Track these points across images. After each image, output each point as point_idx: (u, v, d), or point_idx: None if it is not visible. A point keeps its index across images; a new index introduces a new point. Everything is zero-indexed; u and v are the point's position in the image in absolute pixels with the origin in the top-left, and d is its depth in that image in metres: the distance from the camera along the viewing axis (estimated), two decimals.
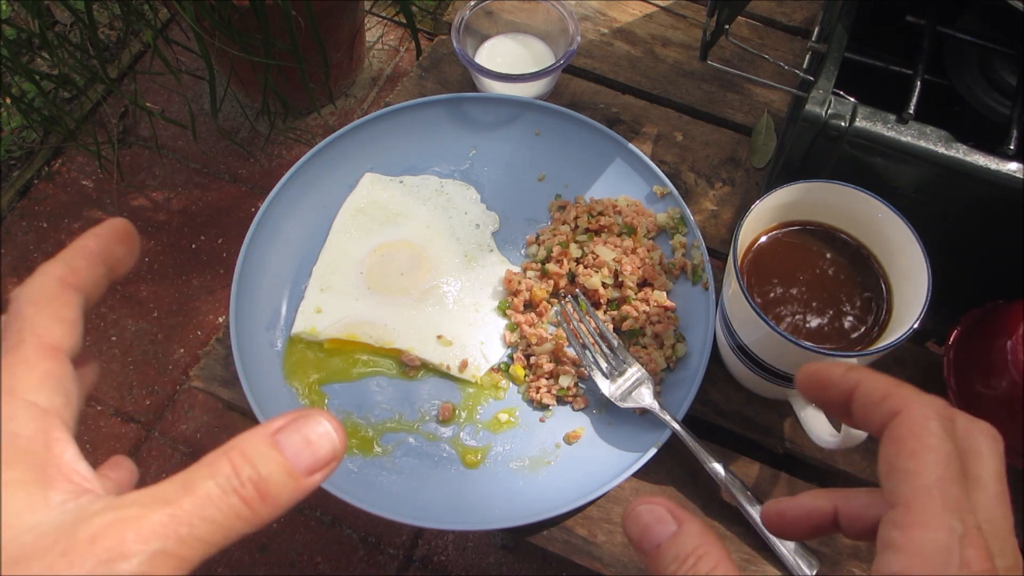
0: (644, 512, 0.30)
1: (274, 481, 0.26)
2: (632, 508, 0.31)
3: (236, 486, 0.26)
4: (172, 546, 0.25)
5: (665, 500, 0.31)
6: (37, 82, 1.46)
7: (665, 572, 0.29)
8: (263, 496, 0.26)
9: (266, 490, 0.26)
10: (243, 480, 0.26)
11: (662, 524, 0.30)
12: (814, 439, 0.60)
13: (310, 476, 0.27)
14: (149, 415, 1.43)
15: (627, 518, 0.31)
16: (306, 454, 0.27)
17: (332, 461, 0.28)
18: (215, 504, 0.26)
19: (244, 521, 0.26)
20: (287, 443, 0.27)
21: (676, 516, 0.30)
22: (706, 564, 0.28)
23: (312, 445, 0.27)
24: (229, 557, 1.32)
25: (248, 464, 0.26)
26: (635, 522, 0.31)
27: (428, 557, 1.32)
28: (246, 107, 1.70)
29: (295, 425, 0.27)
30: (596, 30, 0.87)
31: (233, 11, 1.19)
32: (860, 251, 0.60)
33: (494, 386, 0.68)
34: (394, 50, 1.82)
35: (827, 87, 0.59)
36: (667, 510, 0.30)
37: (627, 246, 0.71)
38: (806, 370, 0.34)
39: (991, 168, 0.55)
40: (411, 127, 0.77)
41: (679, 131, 0.80)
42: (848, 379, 0.32)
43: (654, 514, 0.30)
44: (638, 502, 0.31)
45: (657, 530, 0.30)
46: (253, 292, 0.69)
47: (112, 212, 1.62)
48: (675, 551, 0.29)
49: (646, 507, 0.31)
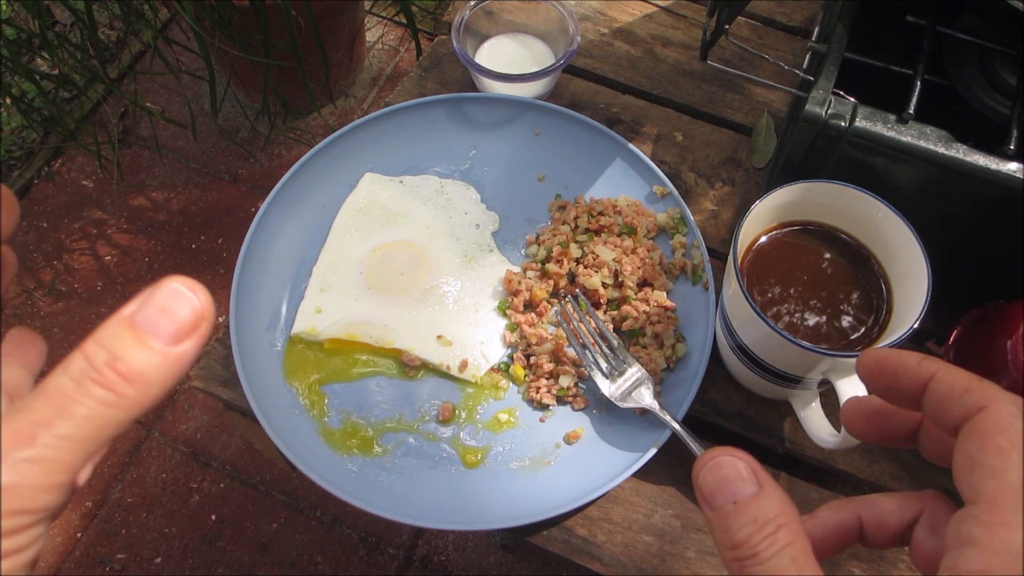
0: (726, 464, 0.28)
1: (134, 359, 0.24)
2: (711, 456, 0.28)
3: (92, 375, 0.24)
4: (35, 452, 0.23)
5: (749, 456, 0.28)
6: (37, 82, 1.46)
7: (736, 534, 0.27)
8: (128, 378, 0.24)
9: (128, 370, 0.24)
10: (98, 367, 0.24)
11: (743, 481, 0.28)
12: (814, 439, 0.60)
13: (177, 344, 0.25)
14: (149, 415, 1.43)
15: (702, 466, 0.29)
16: (164, 322, 0.25)
17: (199, 323, 0.26)
18: (72, 398, 0.24)
19: (117, 408, 0.24)
20: (141, 317, 0.25)
21: (759, 477, 0.28)
22: (786, 535, 0.26)
23: (169, 312, 0.25)
24: (229, 557, 1.32)
25: (102, 349, 0.25)
26: (712, 472, 0.28)
27: (428, 557, 1.32)
28: (246, 107, 1.70)
29: (147, 298, 0.25)
30: (596, 30, 0.87)
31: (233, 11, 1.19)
32: (860, 251, 0.60)
33: (494, 386, 0.68)
34: (394, 50, 1.82)
35: (827, 87, 0.59)
36: (751, 468, 0.28)
37: (627, 246, 0.71)
38: (874, 356, 0.31)
39: (991, 168, 0.55)
40: (411, 127, 0.77)
41: (679, 131, 0.80)
42: (924, 369, 0.30)
43: (735, 469, 0.28)
44: (718, 451, 0.28)
45: (736, 487, 0.28)
46: (253, 292, 0.69)
47: (112, 212, 1.62)
48: (754, 513, 0.27)
49: (728, 459, 0.28)
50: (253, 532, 1.34)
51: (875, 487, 0.65)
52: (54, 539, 1.33)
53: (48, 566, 1.31)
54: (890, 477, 0.64)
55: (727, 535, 0.27)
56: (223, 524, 1.35)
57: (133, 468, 1.39)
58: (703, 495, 0.28)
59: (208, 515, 1.35)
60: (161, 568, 1.32)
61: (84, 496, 1.37)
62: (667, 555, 0.62)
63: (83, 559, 1.32)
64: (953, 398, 0.29)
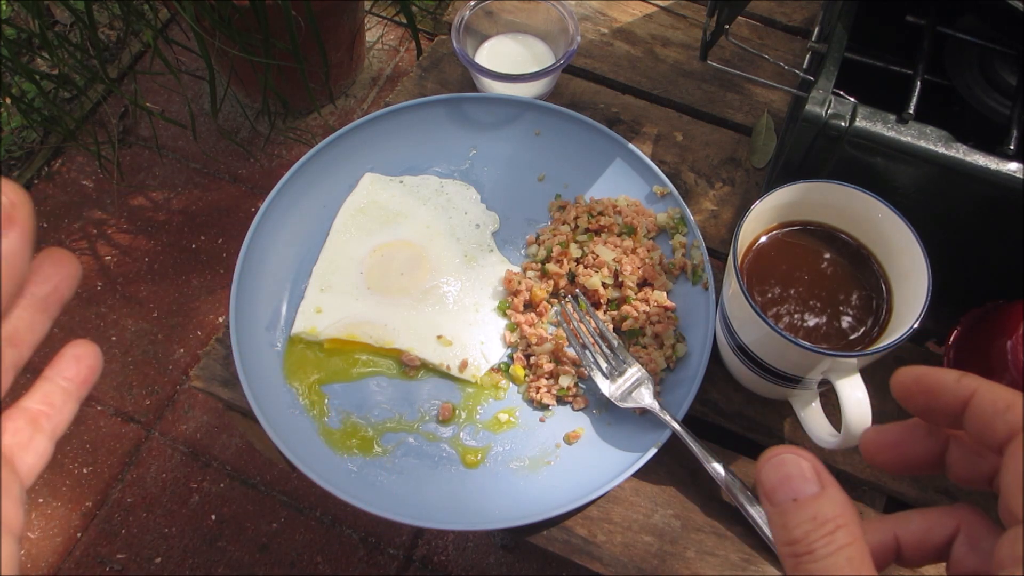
0: (789, 462, 0.28)
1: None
2: (776, 453, 0.29)
3: None
4: None
5: (813, 457, 0.28)
6: (37, 82, 1.46)
7: (794, 530, 0.27)
8: None
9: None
10: None
11: (805, 480, 0.28)
12: (814, 439, 0.60)
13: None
14: (149, 415, 1.43)
15: (766, 462, 0.29)
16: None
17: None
18: None
19: None
20: None
21: (821, 478, 0.28)
22: (844, 536, 0.27)
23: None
24: (229, 557, 1.32)
25: None
26: (776, 469, 0.28)
27: (428, 557, 1.32)
28: (246, 107, 1.70)
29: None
30: (596, 30, 0.87)
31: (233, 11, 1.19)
32: (860, 251, 0.60)
33: (494, 386, 0.68)
34: (394, 50, 1.82)
35: (827, 87, 0.59)
36: (814, 468, 0.28)
37: (627, 246, 0.71)
38: (911, 374, 0.31)
39: (991, 168, 0.55)
40: (411, 127, 0.77)
41: (679, 131, 0.80)
42: (964, 386, 0.29)
43: (799, 467, 0.28)
44: (783, 449, 0.29)
45: (798, 485, 0.28)
46: (253, 292, 0.69)
47: (112, 212, 1.62)
48: (813, 512, 0.27)
49: (792, 457, 0.28)
50: (253, 532, 1.34)
51: (875, 487, 0.65)
52: (54, 539, 1.33)
53: (48, 566, 1.31)
54: (890, 477, 0.64)
55: (785, 531, 0.28)
56: (223, 524, 1.35)
57: (133, 468, 1.39)
58: (764, 490, 0.29)
59: (208, 515, 1.35)
60: (161, 568, 1.32)
61: (84, 496, 1.37)
62: (667, 555, 0.62)
63: (83, 559, 1.32)
64: (997, 415, 0.28)
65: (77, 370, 0.32)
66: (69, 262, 0.31)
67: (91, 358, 0.33)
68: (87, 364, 0.32)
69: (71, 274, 0.31)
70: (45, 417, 0.31)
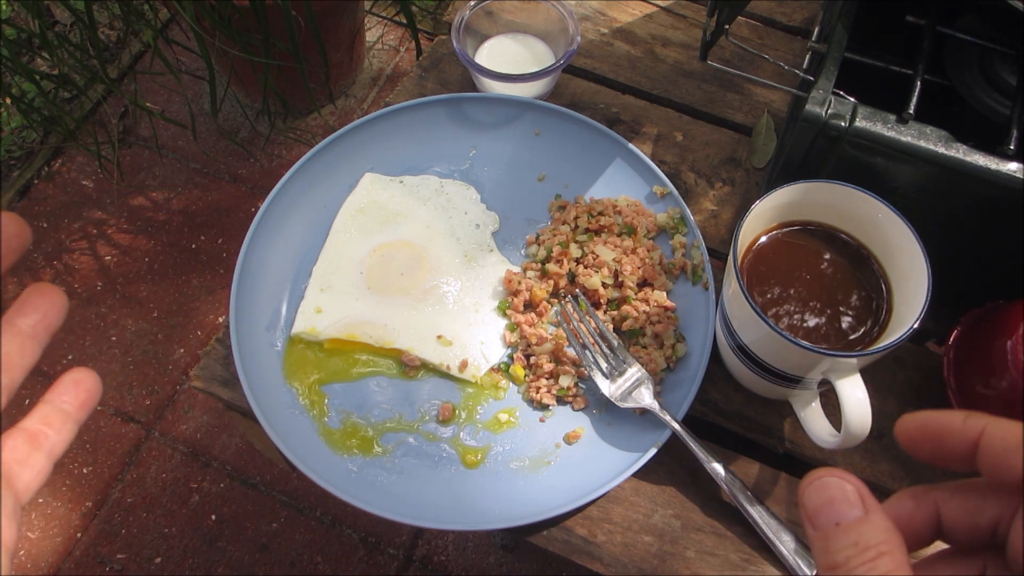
0: (832, 485, 0.28)
1: None
2: (818, 476, 0.28)
3: None
4: None
5: (858, 481, 0.28)
6: (37, 82, 1.46)
7: (836, 555, 0.27)
8: None
9: None
10: None
11: (848, 504, 0.27)
12: (814, 439, 0.60)
13: None
14: (149, 415, 1.43)
15: (809, 485, 0.28)
16: None
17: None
18: None
19: None
20: None
21: (866, 502, 0.28)
22: (887, 564, 0.26)
23: None
24: (229, 557, 1.32)
25: None
26: (818, 492, 0.28)
27: (428, 557, 1.32)
28: (246, 107, 1.70)
29: None
30: (596, 30, 0.87)
31: (233, 11, 1.19)
32: (860, 251, 0.60)
33: (494, 386, 0.68)
34: (394, 50, 1.82)
35: (827, 87, 0.59)
36: (858, 492, 0.28)
37: (627, 246, 0.71)
38: (914, 421, 0.30)
39: (991, 168, 0.55)
40: (411, 127, 0.77)
41: (679, 131, 0.80)
42: (971, 427, 0.29)
43: (842, 491, 0.28)
44: (827, 472, 0.28)
45: (841, 509, 0.27)
46: (253, 292, 0.69)
47: (112, 212, 1.62)
48: (855, 538, 0.27)
49: (835, 480, 0.28)
50: (253, 532, 1.34)
51: (875, 487, 0.65)
52: (54, 539, 1.33)
53: (48, 566, 1.31)
54: (890, 477, 0.64)
55: (827, 555, 0.27)
56: (223, 524, 1.35)
57: (133, 468, 1.39)
58: (807, 513, 0.28)
59: (208, 515, 1.35)
60: (161, 568, 1.32)
61: (84, 496, 1.37)
62: (667, 555, 0.62)
63: (83, 559, 1.32)
64: (1011, 451, 0.28)
65: (76, 393, 0.33)
66: (54, 293, 0.34)
67: (90, 383, 0.34)
68: (86, 388, 0.34)
69: (57, 303, 0.34)
70: (43, 436, 0.32)
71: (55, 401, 0.33)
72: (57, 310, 0.34)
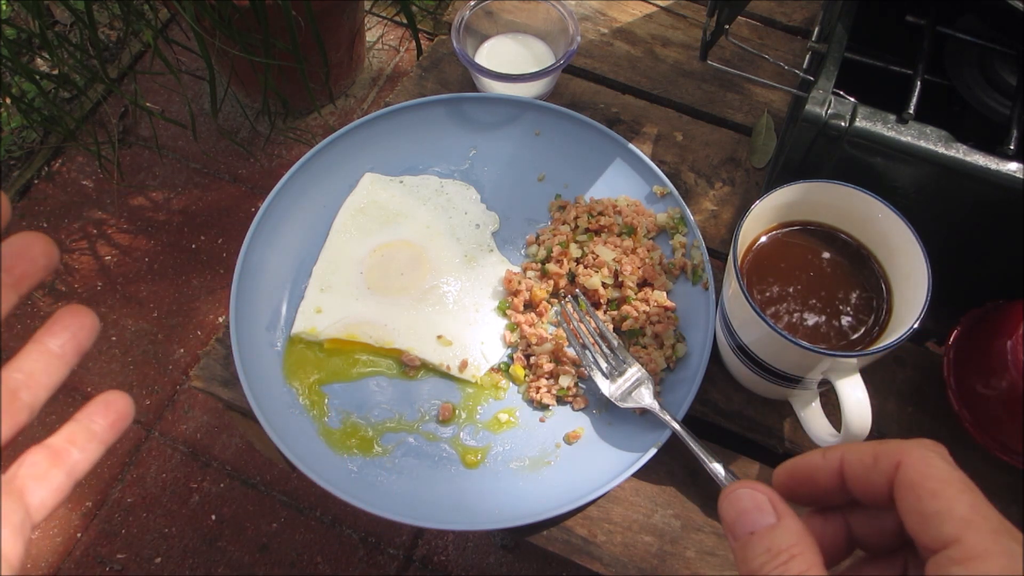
0: (744, 497, 0.29)
1: None
2: (732, 489, 0.30)
3: None
4: None
5: (769, 490, 0.29)
6: (37, 82, 1.46)
7: (752, 562, 0.28)
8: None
9: None
10: None
11: (760, 513, 0.29)
12: (814, 439, 0.60)
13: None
14: (149, 415, 1.43)
15: (725, 498, 0.30)
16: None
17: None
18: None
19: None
20: None
21: (777, 509, 0.29)
22: (799, 565, 0.27)
23: None
24: (229, 557, 1.32)
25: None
26: (732, 504, 0.29)
27: (428, 557, 1.32)
28: (246, 107, 1.70)
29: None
30: (596, 30, 0.87)
31: (233, 11, 1.19)
32: (860, 251, 0.60)
33: (494, 386, 0.68)
34: (394, 50, 1.82)
35: (827, 87, 0.59)
36: (769, 500, 0.29)
37: (627, 246, 0.71)
38: (783, 471, 0.32)
39: (991, 168, 0.55)
40: (411, 127, 0.77)
41: (679, 131, 0.80)
42: (831, 458, 0.31)
43: (754, 501, 0.29)
44: (740, 484, 0.30)
45: (754, 518, 0.29)
46: (253, 292, 0.69)
47: (112, 212, 1.62)
48: (768, 544, 0.28)
49: (747, 492, 0.29)
50: (253, 532, 1.34)
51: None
52: (54, 539, 1.33)
53: (48, 566, 1.31)
54: None
55: (744, 564, 0.29)
56: (223, 524, 1.35)
57: (133, 468, 1.39)
58: (726, 525, 0.30)
59: (208, 515, 1.35)
60: (161, 568, 1.32)
61: (84, 496, 1.37)
62: (667, 555, 0.62)
63: (83, 559, 1.32)
64: (870, 469, 0.29)
65: (106, 414, 0.33)
66: (86, 315, 0.33)
67: (121, 404, 0.34)
68: (116, 410, 0.34)
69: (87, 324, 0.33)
70: (66, 454, 0.32)
71: (84, 420, 0.33)
72: (87, 331, 0.33)
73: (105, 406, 0.33)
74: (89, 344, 0.33)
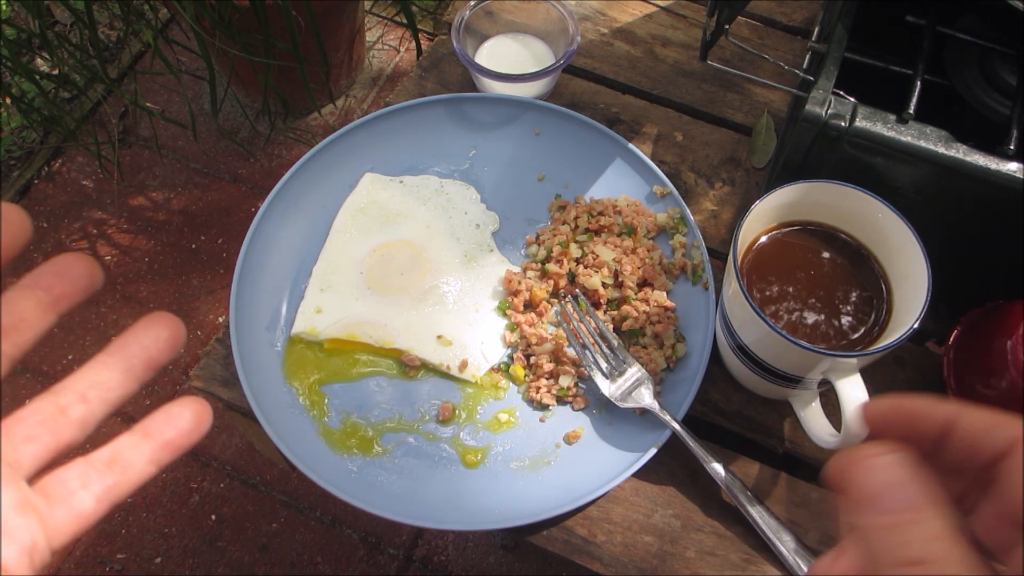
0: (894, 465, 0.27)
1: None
2: (877, 452, 0.27)
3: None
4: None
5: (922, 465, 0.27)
6: (37, 82, 1.46)
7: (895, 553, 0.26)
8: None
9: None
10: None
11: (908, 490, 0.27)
12: (814, 439, 0.60)
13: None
14: None
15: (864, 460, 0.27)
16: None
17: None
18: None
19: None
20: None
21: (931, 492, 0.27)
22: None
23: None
24: (229, 557, 1.32)
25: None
26: (875, 473, 0.27)
27: (428, 557, 1.32)
28: (246, 107, 1.70)
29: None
30: (596, 30, 0.87)
31: (233, 11, 1.19)
32: (860, 251, 0.60)
33: (494, 386, 0.68)
34: (394, 50, 1.82)
35: (827, 87, 0.59)
36: (923, 482, 0.27)
37: (627, 246, 0.71)
38: (885, 403, 0.31)
39: (991, 168, 0.55)
40: (411, 127, 0.77)
41: (679, 131, 0.80)
42: (943, 410, 0.30)
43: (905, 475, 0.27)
44: (887, 448, 0.27)
45: (898, 495, 0.27)
46: (253, 292, 0.69)
47: (112, 212, 1.62)
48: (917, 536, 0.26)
49: (897, 458, 0.27)
50: (253, 532, 1.34)
51: None
52: None
53: (48, 566, 1.31)
54: None
55: (885, 552, 0.26)
56: (223, 524, 1.35)
57: None
58: (855, 495, 0.27)
59: (208, 515, 1.35)
60: (161, 568, 1.32)
61: None
62: (667, 555, 0.62)
63: (83, 559, 1.32)
64: (981, 436, 0.29)
65: (179, 429, 0.32)
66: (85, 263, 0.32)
67: (199, 413, 0.33)
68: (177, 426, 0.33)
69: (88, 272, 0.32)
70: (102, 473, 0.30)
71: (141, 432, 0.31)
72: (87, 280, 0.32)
73: (170, 419, 0.32)
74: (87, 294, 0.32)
